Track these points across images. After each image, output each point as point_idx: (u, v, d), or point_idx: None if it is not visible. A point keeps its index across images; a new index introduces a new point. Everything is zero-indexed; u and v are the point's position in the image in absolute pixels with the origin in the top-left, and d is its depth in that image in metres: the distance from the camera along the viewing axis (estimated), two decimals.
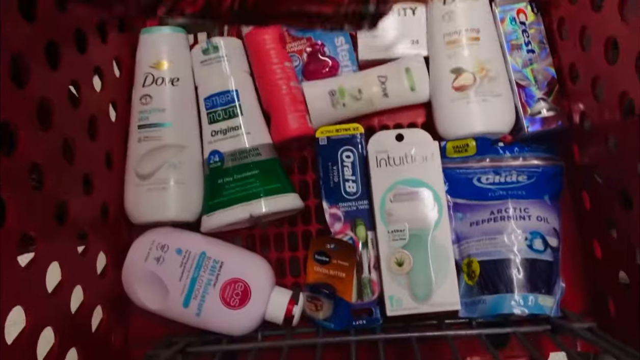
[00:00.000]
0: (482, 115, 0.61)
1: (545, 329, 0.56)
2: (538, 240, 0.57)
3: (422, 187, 0.60)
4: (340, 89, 0.65)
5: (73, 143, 0.52)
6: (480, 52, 0.63)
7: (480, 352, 0.63)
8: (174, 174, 0.62)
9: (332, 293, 0.60)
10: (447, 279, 0.58)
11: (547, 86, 0.62)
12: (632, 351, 0.47)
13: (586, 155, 0.59)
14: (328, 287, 0.61)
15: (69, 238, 0.50)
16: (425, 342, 0.57)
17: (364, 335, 0.57)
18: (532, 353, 0.51)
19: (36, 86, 0.46)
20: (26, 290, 0.43)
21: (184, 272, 0.59)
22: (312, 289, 0.61)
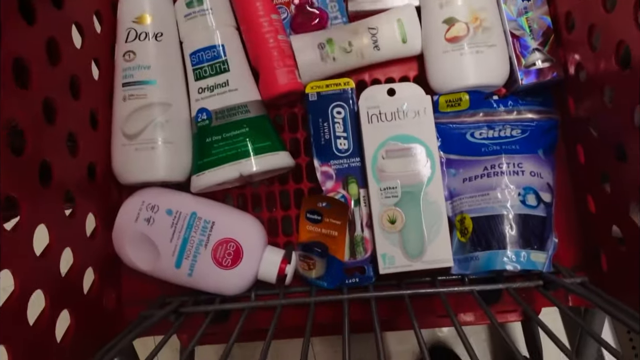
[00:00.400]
0: (475, 67, 0.59)
1: (537, 284, 0.56)
2: (531, 195, 0.57)
3: (415, 143, 0.59)
4: (330, 42, 0.63)
5: (54, 102, 0.50)
6: (474, 1, 0.60)
7: (472, 308, 0.64)
8: (161, 133, 0.60)
9: (325, 251, 0.60)
10: (440, 236, 0.58)
11: (542, 36, 0.61)
12: (623, 306, 0.48)
13: (581, 108, 0.57)
14: (320, 245, 0.60)
15: (55, 200, 0.49)
16: (418, 299, 0.57)
17: (356, 293, 0.57)
18: (524, 308, 0.51)
19: (11, 44, 0.44)
20: (13, 254, 0.42)
21: (174, 233, 0.58)
22: (305, 248, 0.61)
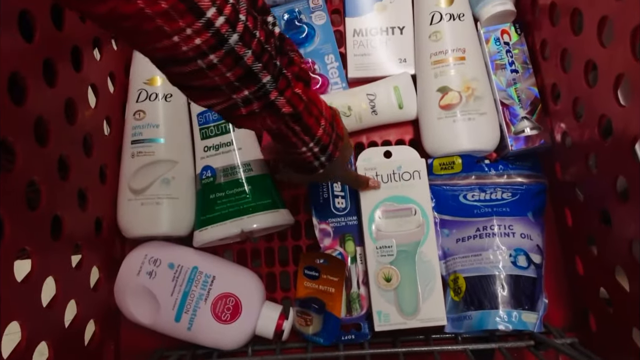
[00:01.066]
0: (468, 133, 0.63)
1: (529, 344, 0.57)
2: (522, 257, 0.59)
3: (410, 203, 0.62)
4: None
5: (68, 159, 0.53)
6: (466, 72, 0.64)
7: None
8: (166, 189, 0.63)
9: (322, 308, 0.61)
10: (434, 294, 0.59)
11: (530, 105, 0.64)
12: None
13: (568, 173, 0.60)
14: (317, 301, 0.62)
15: (63, 252, 0.51)
16: (412, 356, 0.58)
17: (352, 350, 0.59)
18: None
19: (34, 104, 0.47)
20: (22, 305, 0.44)
21: (175, 287, 0.59)
22: (302, 304, 0.62)
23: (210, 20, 0.32)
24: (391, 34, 0.71)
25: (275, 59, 0.37)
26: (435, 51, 0.66)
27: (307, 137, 0.43)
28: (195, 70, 0.34)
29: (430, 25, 0.67)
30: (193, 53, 0.32)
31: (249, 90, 0.36)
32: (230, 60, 0.34)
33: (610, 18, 0.47)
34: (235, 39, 0.33)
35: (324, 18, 0.73)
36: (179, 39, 0.32)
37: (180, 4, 0.30)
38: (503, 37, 0.67)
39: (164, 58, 0.34)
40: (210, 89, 0.36)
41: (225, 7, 0.32)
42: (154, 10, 0.30)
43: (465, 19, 0.67)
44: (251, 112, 0.38)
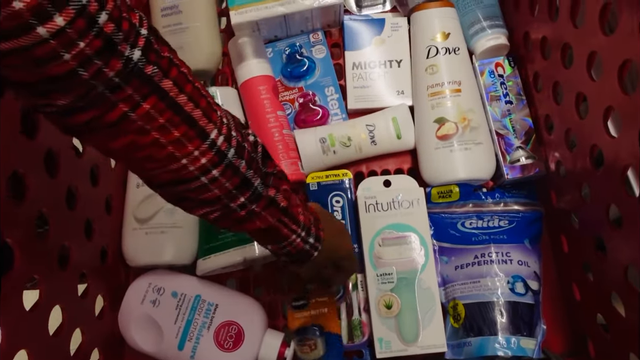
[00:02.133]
0: (464, 162, 0.65)
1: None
2: (519, 283, 0.60)
3: (409, 231, 0.63)
4: (331, 137, 0.69)
5: (76, 190, 0.55)
6: (462, 103, 0.67)
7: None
8: (170, 219, 0.64)
9: (321, 330, 0.62)
10: (434, 321, 0.60)
11: (525, 135, 0.66)
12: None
13: (563, 201, 0.62)
14: (315, 325, 0.62)
15: (70, 281, 0.52)
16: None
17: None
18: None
19: (45, 137, 0.49)
20: (30, 334, 0.44)
21: (179, 315, 0.60)
22: (300, 332, 0.62)
23: (213, 141, 0.36)
24: (389, 67, 0.74)
25: (259, 164, 0.41)
26: (432, 83, 0.68)
27: (294, 225, 0.46)
28: (198, 186, 0.37)
29: (426, 58, 0.69)
30: (198, 172, 0.36)
31: (244, 197, 0.40)
32: (230, 173, 0.38)
33: (598, 53, 0.50)
34: (232, 153, 0.38)
35: (324, 52, 0.76)
36: (187, 161, 0.35)
37: (190, 131, 0.34)
38: (497, 70, 0.69)
39: (170, 180, 0.37)
40: (210, 200, 0.39)
41: (223, 128, 0.37)
42: (167, 139, 0.34)
43: (460, 52, 0.69)
44: (251, 212, 0.41)
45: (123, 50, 0.30)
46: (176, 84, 0.33)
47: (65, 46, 0.27)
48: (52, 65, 0.27)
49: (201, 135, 0.35)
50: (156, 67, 0.32)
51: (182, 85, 0.34)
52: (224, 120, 0.38)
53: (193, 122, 0.35)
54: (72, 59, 0.27)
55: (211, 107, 0.37)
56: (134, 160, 0.35)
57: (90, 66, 0.28)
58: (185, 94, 0.34)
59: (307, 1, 0.71)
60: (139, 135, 0.33)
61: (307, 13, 0.72)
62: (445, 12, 0.70)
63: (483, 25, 0.70)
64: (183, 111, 0.34)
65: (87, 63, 0.28)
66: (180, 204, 0.40)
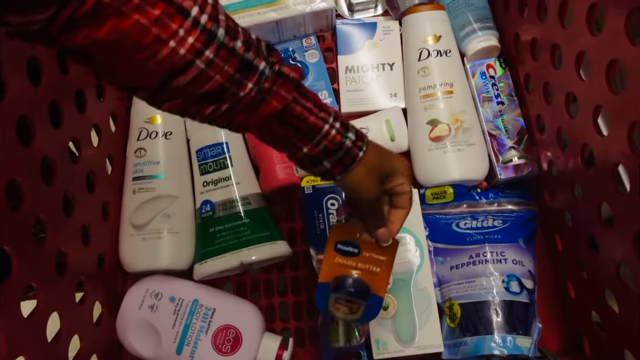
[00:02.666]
0: (458, 163, 0.65)
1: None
2: (514, 282, 0.61)
3: (404, 232, 0.64)
4: None
5: (72, 197, 0.55)
6: (454, 105, 0.67)
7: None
8: (167, 224, 0.64)
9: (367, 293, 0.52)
10: (430, 321, 0.61)
11: (517, 135, 0.67)
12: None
13: (556, 201, 0.62)
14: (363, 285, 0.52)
15: (68, 288, 0.53)
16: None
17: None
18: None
19: (40, 144, 0.49)
20: (29, 341, 0.45)
21: (177, 320, 0.61)
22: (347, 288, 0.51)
23: (196, 19, 0.35)
24: (382, 70, 0.74)
25: (262, 52, 0.39)
26: (424, 86, 0.68)
27: (322, 112, 0.43)
28: (197, 75, 0.36)
29: (418, 61, 0.70)
30: (191, 54, 0.35)
31: (251, 82, 0.38)
32: (225, 53, 0.37)
33: (587, 53, 0.50)
34: (222, 32, 0.36)
35: (317, 56, 0.76)
36: (175, 42, 0.34)
37: (169, 8, 0.34)
38: (488, 71, 0.70)
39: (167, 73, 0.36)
40: (218, 92, 0.38)
41: (206, 7, 0.36)
42: (148, 19, 0.33)
43: (451, 54, 0.70)
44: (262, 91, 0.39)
45: None
46: None
47: None
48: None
49: (181, 12, 0.34)
50: None
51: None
52: (209, 1, 0.36)
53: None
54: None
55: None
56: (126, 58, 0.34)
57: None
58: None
59: (299, 6, 0.71)
60: (119, 18, 0.32)
61: (300, 18, 0.73)
62: (436, 15, 0.71)
63: (474, 27, 0.71)
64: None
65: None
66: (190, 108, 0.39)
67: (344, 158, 0.44)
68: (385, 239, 0.51)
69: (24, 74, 0.48)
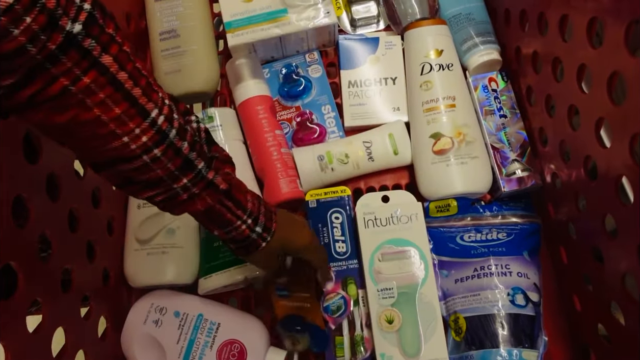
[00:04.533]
0: (461, 176, 0.65)
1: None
2: (520, 295, 0.60)
3: (409, 246, 0.64)
4: (328, 154, 0.70)
5: (78, 213, 0.55)
6: (457, 118, 0.67)
7: None
8: (172, 239, 0.65)
9: (304, 327, 0.62)
10: (436, 335, 0.60)
11: (520, 148, 0.67)
12: None
13: (560, 213, 0.62)
14: (298, 321, 0.62)
15: (73, 303, 0.53)
16: None
17: None
18: None
19: (46, 161, 0.50)
20: (34, 356, 0.45)
21: (181, 335, 0.60)
22: (284, 326, 0.62)
23: (154, 120, 0.37)
24: (384, 85, 0.75)
25: (204, 148, 0.43)
26: (427, 99, 0.69)
27: (239, 210, 0.48)
28: (141, 165, 0.39)
29: (421, 75, 0.70)
30: (140, 150, 0.38)
31: (187, 178, 0.42)
32: (171, 153, 0.39)
33: (588, 65, 0.51)
34: (173, 133, 0.39)
35: (320, 71, 0.77)
36: (129, 138, 0.37)
37: (131, 109, 0.36)
38: (491, 85, 0.70)
39: (113, 159, 0.38)
40: (154, 182, 0.41)
41: (164, 108, 0.38)
42: (108, 116, 0.35)
43: (454, 68, 0.70)
44: (191, 195, 0.43)
45: (64, 25, 0.31)
46: (116, 60, 0.34)
47: (14, 22, 0.28)
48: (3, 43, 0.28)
49: (142, 113, 0.36)
50: (94, 42, 0.33)
51: (123, 63, 0.35)
52: (166, 102, 0.39)
53: (133, 100, 0.36)
54: (21, 35, 0.29)
55: (151, 88, 0.38)
56: (78, 139, 0.36)
57: (37, 41, 0.30)
58: (126, 71, 0.35)
59: (302, 22, 0.72)
60: (81, 110, 0.34)
61: (302, 34, 0.73)
62: (438, 30, 0.72)
63: (475, 41, 0.72)
64: (123, 88, 0.35)
65: (34, 38, 0.29)
66: (126, 187, 0.42)
67: (248, 246, 0.51)
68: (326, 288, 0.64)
69: None
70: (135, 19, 0.77)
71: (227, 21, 0.73)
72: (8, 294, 0.43)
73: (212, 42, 0.79)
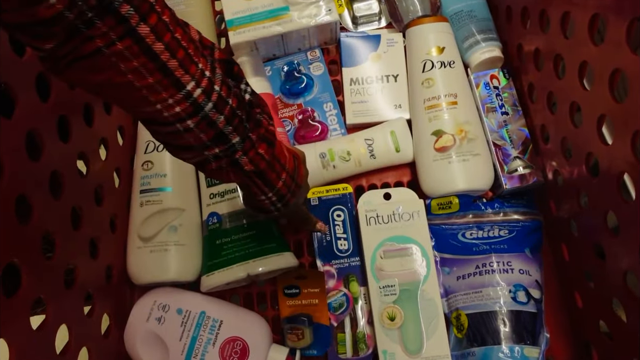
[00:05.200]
0: (463, 173, 0.65)
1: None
2: (521, 292, 0.60)
3: (410, 243, 0.64)
4: (330, 152, 0.70)
5: (81, 210, 0.55)
6: (459, 115, 0.67)
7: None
8: (174, 236, 0.65)
9: (310, 320, 0.64)
10: (437, 332, 0.60)
11: (522, 145, 0.67)
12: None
13: (562, 210, 0.62)
14: (305, 315, 0.64)
15: (76, 301, 0.53)
16: None
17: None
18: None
19: (49, 158, 0.50)
20: (38, 353, 0.45)
21: (184, 332, 0.61)
22: (291, 320, 0.64)
23: (189, 92, 0.37)
24: (386, 82, 0.75)
25: (244, 123, 0.42)
26: (429, 97, 0.69)
27: (267, 188, 0.48)
28: (173, 131, 0.39)
29: (422, 72, 0.70)
30: (173, 119, 0.37)
31: (219, 149, 0.41)
32: (205, 125, 0.39)
33: (589, 62, 0.51)
34: (210, 107, 0.38)
35: (322, 69, 0.77)
36: (162, 107, 0.36)
37: (165, 79, 0.35)
38: (492, 82, 0.70)
39: (149, 120, 0.38)
40: (186, 147, 0.41)
41: (203, 80, 0.38)
42: (141, 83, 0.35)
43: (455, 66, 0.70)
44: (219, 167, 0.43)
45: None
46: (154, 31, 0.34)
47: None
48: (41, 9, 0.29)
49: (176, 85, 0.36)
50: (132, 9, 0.32)
51: (161, 34, 0.35)
52: (206, 74, 0.38)
53: (168, 71, 0.35)
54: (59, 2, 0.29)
55: (190, 59, 0.37)
56: (116, 99, 0.37)
57: (74, 8, 0.30)
58: (163, 42, 0.35)
59: (303, 20, 0.72)
60: (115, 73, 0.34)
61: (304, 31, 0.73)
62: (439, 27, 0.72)
63: (477, 38, 0.72)
64: (159, 59, 0.35)
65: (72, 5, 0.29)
66: (165, 147, 0.42)
67: (260, 210, 0.52)
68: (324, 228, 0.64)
69: (33, 90, 0.49)
70: None
71: (228, 19, 0.73)
72: (11, 291, 0.43)
73: (214, 40, 0.79)
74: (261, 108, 0.45)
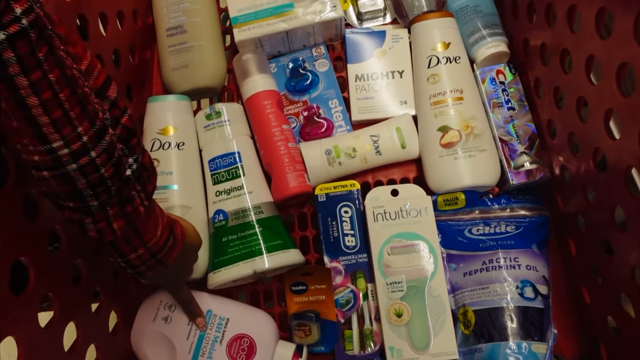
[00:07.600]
0: (469, 169, 0.65)
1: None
2: (528, 288, 0.60)
3: (418, 239, 0.64)
4: (336, 148, 0.70)
5: None
6: (465, 111, 0.67)
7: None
8: None
9: (318, 316, 0.64)
10: (445, 328, 0.60)
11: (528, 141, 0.67)
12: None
13: (569, 205, 0.62)
14: (312, 311, 0.65)
15: (83, 298, 0.53)
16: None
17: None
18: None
19: None
20: (46, 351, 0.45)
21: (191, 331, 0.61)
22: (298, 317, 0.64)
23: (53, 149, 0.36)
24: (391, 78, 0.75)
25: (111, 194, 0.41)
26: (434, 93, 0.69)
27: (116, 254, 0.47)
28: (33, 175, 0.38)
29: (428, 68, 0.70)
30: (29, 163, 0.37)
31: (73, 203, 0.40)
32: (62, 180, 0.38)
33: (596, 57, 0.50)
34: (73, 167, 0.38)
35: (327, 65, 0.77)
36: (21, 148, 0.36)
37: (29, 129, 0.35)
38: (498, 77, 0.70)
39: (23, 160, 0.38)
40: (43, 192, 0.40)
41: (75, 144, 0.37)
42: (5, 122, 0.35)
43: (461, 61, 0.70)
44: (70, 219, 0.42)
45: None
46: (32, 85, 0.34)
47: None
48: None
49: (40, 138, 0.36)
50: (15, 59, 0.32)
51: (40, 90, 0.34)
52: (83, 139, 0.37)
53: (36, 125, 0.35)
54: None
55: (68, 122, 0.36)
56: None
57: None
58: (40, 98, 0.34)
59: (308, 16, 0.72)
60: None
61: (309, 28, 0.73)
62: (444, 22, 0.71)
63: (483, 33, 0.71)
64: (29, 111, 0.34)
65: None
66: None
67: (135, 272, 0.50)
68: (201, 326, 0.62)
69: None
70: (142, 15, 0.77)
71: (233, 16, 0.73)
72: (19, 289, 0.43)
73: (218, 38, 0.79)
74: (142, 186, 0.45)
